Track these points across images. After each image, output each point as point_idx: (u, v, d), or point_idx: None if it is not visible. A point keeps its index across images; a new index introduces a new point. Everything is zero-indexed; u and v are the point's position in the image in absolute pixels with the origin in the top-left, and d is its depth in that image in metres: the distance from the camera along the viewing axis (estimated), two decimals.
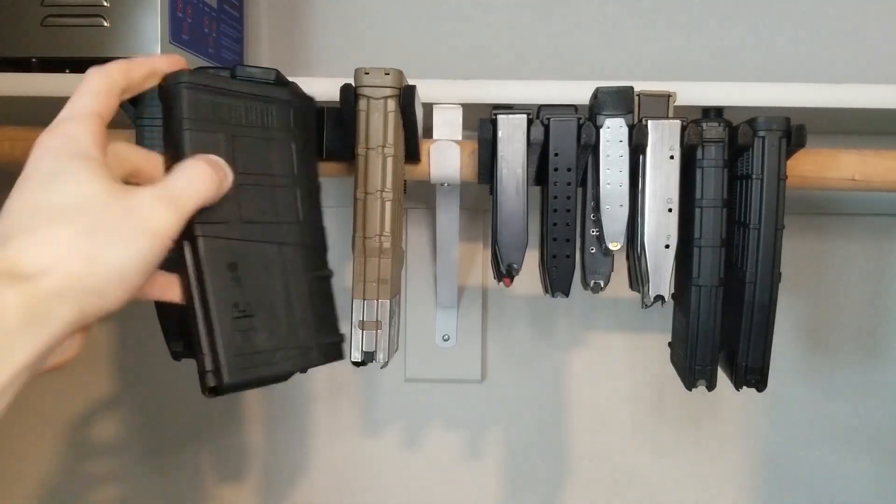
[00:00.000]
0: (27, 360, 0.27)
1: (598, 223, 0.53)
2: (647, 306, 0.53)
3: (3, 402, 0.27)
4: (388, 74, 0.50)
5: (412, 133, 0.53)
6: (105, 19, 0.58)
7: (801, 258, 0.80)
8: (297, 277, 0.41)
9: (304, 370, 0.41)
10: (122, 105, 0.51)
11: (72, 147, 0.32)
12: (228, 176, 0.36)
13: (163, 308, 0.54)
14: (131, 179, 0.36)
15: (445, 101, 0.57)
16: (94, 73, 0.34)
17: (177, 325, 0.55)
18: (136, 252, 0.30)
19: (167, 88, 0.38)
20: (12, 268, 0.27)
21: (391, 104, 0.51)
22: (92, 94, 0.34)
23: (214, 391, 0.37)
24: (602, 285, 0.55)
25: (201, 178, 0.34)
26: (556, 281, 0.54)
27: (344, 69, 0.51)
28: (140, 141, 0.51)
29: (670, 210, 0.52)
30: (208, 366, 0.36)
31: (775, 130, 0.52)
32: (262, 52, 0.80)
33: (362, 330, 0.51)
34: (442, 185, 0.60)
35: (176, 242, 0.33)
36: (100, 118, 0.33)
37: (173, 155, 0.37)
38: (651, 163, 0.52)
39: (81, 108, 0.33)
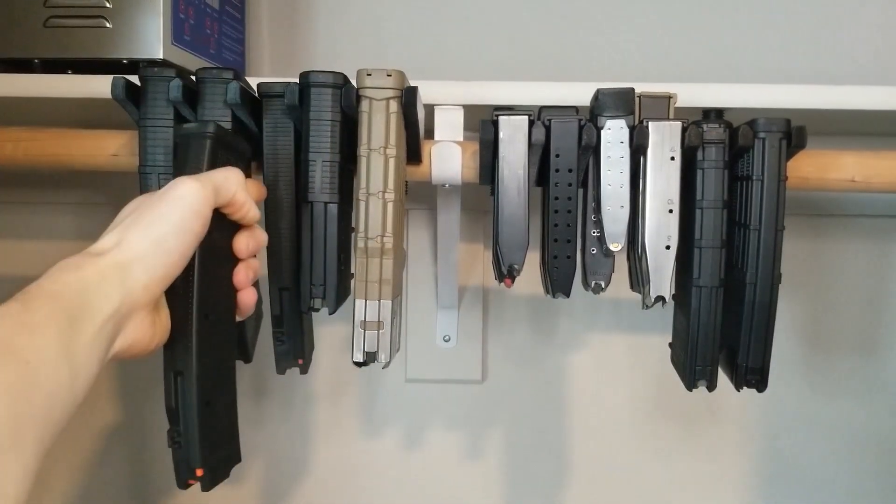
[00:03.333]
0: (111, 310, 0.36)
1: (598, 224, 0.53)
2: (647, 307, 0.54)
3: (96, 352, 0.35)
4: (391, 76, 0.50)
5: (414, 134, 0.53)
6: (107, 20, 0.59)
7: (802, 259, 0.80)
8: None
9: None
10: (126, 105, 0.51)
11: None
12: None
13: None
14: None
15: (447, 102, 0.57)
16: (235, 177, 0.44)
17: None
18: (172, 221, 0.40)
19: None
20: (95, 249, 0.38)
21: (393, 105, 0.51)
22: (228, 181, 0.43)
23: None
24: (603, 286, 0.55)
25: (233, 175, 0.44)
26: (557, 282, 0.54)
27: (345, 70, 0.52)
28: (143, 141, 0.51)
29: (671, 211, 0.52)
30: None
31: (775, 132, 0.52)
32: (264, 53, 0.80)
33: (364, 330, 0.51)
34: (443, 186, 0.60)
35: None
36: (214, 195, 0.42)
37: None
38: (652, 164, 0.52)
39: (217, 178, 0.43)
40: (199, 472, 0.43)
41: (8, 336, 0.31)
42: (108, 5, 0.58)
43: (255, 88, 0.53)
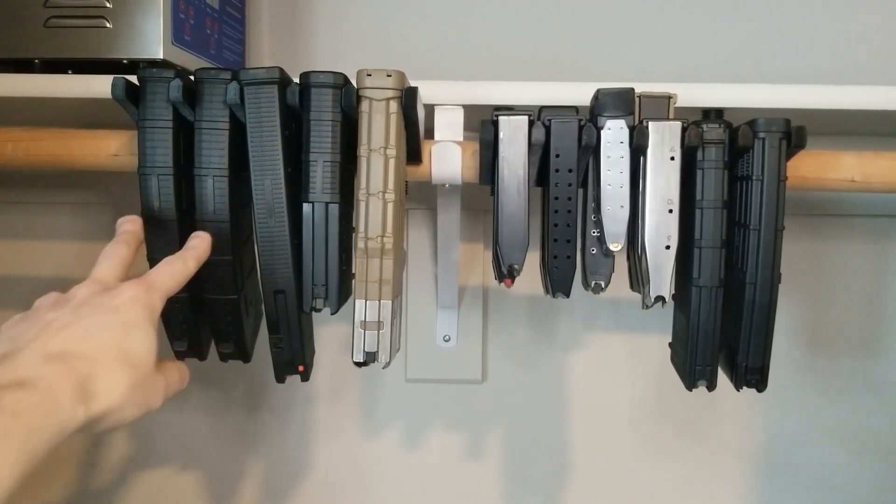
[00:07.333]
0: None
1: (598, 224, 0.53)
2: (647, 307, 0.54)
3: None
4: (391, 76, 0.51)
5: (414, 134, 0.54)
6: (107, 21, 0.59)
7: (801, 259, 0.80)
8: None
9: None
10: (126, 105, 0.51)
11: (153, 315, 0.43)
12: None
13: (167, 310, 0.54)
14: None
15: (447, 102, 0.57)
16: (179, 266, 0.46)
17: (180, 326, 0.55)
18: (146, 413, 0.43)
19: None
20: (88, 386, 0.38)
21: (393, 105, 0.51)
22: (174, 278, 0.46)
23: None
24: (603, 286, 0.55)
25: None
26: (557, 281, 0.54)
27: (346, 70, 0.52)
28: (142, 141, 0.51)
29: (671, 211, 0.52)
30: None
31: (775, 132, 0.52)
32: (264, 54, 0.80)
33: (364, 330, 0.51)
34: (443, 185, 0.60)
35: None
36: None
37: None
38: (651, 164, 0.52)
39: (163, 285, 0.45)
40: (301, 368, 0.53)
41: None
42: (108, 5, 0.58)
43: None
